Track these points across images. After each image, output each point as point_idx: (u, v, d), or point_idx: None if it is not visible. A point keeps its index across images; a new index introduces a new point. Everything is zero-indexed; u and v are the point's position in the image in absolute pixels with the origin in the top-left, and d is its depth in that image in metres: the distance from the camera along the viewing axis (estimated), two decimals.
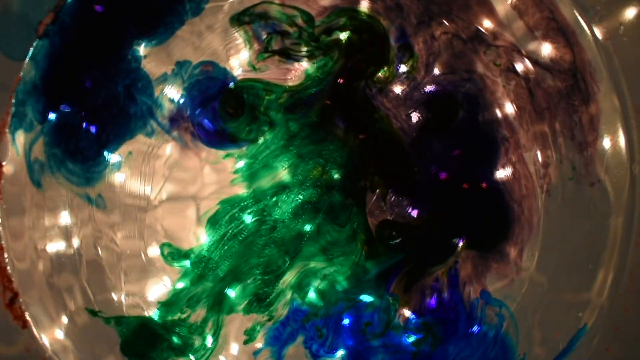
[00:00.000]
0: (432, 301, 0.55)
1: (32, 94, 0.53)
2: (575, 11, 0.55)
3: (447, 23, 0.55)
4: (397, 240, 0.55)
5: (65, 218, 0.55)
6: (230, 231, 0.55)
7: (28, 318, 0.53)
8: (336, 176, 0.55)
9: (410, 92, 0.55)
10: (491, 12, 0.55)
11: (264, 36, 0.55)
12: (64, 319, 0.54)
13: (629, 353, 0.52)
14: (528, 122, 0.55)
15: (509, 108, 0.55)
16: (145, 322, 0.54)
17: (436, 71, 0.55)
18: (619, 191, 0.54)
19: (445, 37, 0.55)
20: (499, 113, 0.55)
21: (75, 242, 0.55)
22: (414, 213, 0.55)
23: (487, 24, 0.55)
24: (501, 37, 0.55)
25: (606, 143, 0.54)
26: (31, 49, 0.52)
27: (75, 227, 0.55)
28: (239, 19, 0.55)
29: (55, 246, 0.55)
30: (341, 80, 0.55)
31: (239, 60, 0.55)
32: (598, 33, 0.54)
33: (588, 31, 0.54)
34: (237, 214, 0.55)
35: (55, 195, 0.55)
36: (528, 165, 0.55)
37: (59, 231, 0.55)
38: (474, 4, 0.55)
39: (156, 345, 0.54)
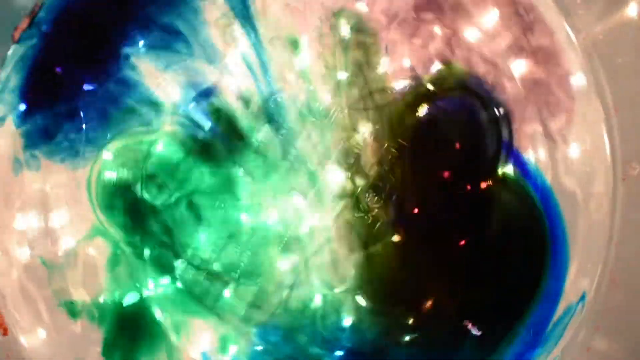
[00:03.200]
0: None
1: (14, 99, 0.53)
2: (556, 10, 0.55)
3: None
4: None
5: (54, 218, 0.54)
6: (226, 232, 0.54)
7: (9, 325, 0.53)
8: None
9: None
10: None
11: None
12: (46, 323, 0.54)
13: (613, 351, 0.52)
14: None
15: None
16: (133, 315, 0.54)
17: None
18: (600, 189, 0.54)
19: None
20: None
21: (66, 242, 0.54)
22: None
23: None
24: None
25: (587, 141, 0.54)
26: (9, 54, 0.53)
27: (64, 227, 0.54)
28: None
29: (42, 248, 0.54)
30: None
31: (234, 57, 0.54)
32: (578, 32, 0.54)
33: (570, 31, 0.55)
34: (234, 215, 0.54)
35: (42, 195, 0.54)
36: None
37: (45, 233, 0.54)
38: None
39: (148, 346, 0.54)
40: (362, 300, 0.54)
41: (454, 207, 0.54)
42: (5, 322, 0.53)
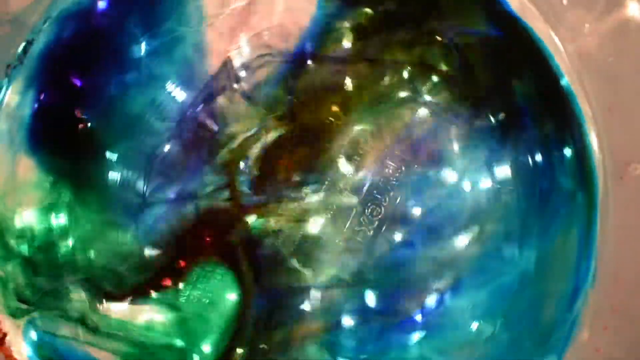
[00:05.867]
0: None
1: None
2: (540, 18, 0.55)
3: None
4: None
5: (59, 221, 0.54)
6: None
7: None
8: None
9: None
10: None
11: None
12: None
13: (620, 352, 0.52)
14: None
15: None
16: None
17: None
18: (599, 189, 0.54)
19: None
20: None
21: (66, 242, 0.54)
22: None
23: None
24: None
25: (581, 143, 0.55)
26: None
27: (63, 226, 0.54)
28: None
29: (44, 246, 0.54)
30: None
31: (241, 59, 0.55)
32: (562, 35, 0.54)
33: (554, 36, 0.55)
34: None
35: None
36: None
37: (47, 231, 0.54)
38: None
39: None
40: (371, 299, 0.54)
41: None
42: (13, 354, 0.54)
